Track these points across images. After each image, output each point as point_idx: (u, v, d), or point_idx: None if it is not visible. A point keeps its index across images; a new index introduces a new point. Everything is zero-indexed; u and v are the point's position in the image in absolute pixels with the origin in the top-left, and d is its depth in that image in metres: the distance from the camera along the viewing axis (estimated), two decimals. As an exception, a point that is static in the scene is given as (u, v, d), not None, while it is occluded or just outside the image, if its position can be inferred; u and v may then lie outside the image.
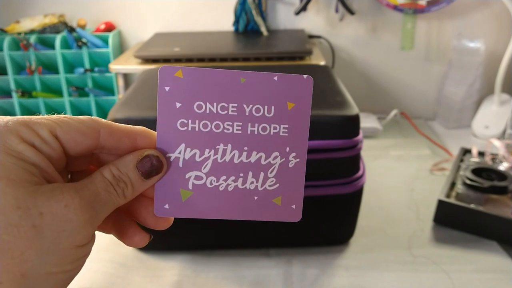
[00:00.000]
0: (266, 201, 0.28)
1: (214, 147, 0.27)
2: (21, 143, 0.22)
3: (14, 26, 0.96)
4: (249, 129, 0.27)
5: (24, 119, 0.22)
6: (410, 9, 0.97)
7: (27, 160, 0.21)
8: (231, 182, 0.27)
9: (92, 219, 0.23)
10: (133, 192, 0.25)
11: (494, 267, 0.54)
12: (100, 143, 0.25)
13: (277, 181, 0.27)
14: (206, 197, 0.27)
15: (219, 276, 0.53)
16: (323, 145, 0.50)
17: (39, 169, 0.22)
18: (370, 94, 1.08)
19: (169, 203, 0.27)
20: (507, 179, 0.63)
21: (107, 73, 0.94)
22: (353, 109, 0.52)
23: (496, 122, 0.92)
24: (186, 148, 0.26)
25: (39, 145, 0.22)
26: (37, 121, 0.23)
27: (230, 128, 0.26)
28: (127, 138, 0.25)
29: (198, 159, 0.27)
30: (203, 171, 0.27)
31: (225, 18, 1.03)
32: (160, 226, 0.28)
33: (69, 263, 0.22)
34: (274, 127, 0.27)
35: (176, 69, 0.26)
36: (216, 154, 0.27)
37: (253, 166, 0.27)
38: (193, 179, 0.27)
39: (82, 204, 0.22)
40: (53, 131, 0.23)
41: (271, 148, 0.27)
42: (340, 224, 0.56)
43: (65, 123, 0.23)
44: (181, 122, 0.26)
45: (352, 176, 0.53)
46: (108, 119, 0.50)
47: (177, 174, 0.27)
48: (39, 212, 0.21)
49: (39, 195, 0.21)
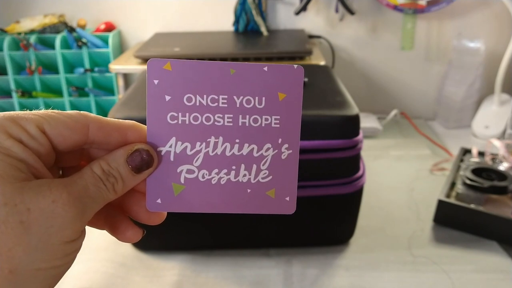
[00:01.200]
0: (260, 194, 0.27)
1: (205, 140, 0.26)
2: (8, 138, 0.21)
3: (14, 26, 0.96)
4: (240, 121, 0.26)
5: (11, 115, 0.22)
6: (410, 9, 0.97)
7: (14, 156, 0.21)
8: (223, 175, 0.27)
9: (81, 214, 0.22)
10: (124, 187, 0.25)
11: (494, 267, 0.54)
12: (90, 138, 0.24)
13: (270, 173, 0.27)
14: (198, 191, 0.27)
15: (219, 276, 0.53)
16: (323, 145, 0.50)
17: (26, 164, 0.22)
18: (370, 94, 1.08)
19: (161, 197, 0.27)
20: (507, 179, 0.63)
21: (107, 73, 0.94)
22: (353, 109, 0.52)
23: (496, 122, 0.92)
24: (177, 141, 0.26)
25: (26, 141, 0.22)
26: (24, 117, 0.22)
27: (221, 121, 0.26)
28: (117, 132, 0.25)
29: (190, 153, 0.26)
30: (195, 165, 0.26)
31: (225, 18, 1.03)
32: (153, 221, 0.28)
33: (58, 259, 0.22)
34: (265, 118, 0.26)
35: (165, 62, 0.25)
36: (207, 147, 0.26)
37: (245, 159, 0.27)
38: (185, 172, 0.26)
39: (71, 199, 0.22)
40: (40, 126, 0.23)
41: (263, 139, 0.27)
42: (340, 224, 0.56)
43: (53, 118, 0.23)
44: (171, 115, 0.26)
45: (352, 176, 0.53)
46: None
47: (168, 168, 0.26)
48: (27, 208, 0.20)
49: (26, 191, 0.21)
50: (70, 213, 0.22)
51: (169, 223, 0.52)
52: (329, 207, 0.54)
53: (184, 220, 0.53)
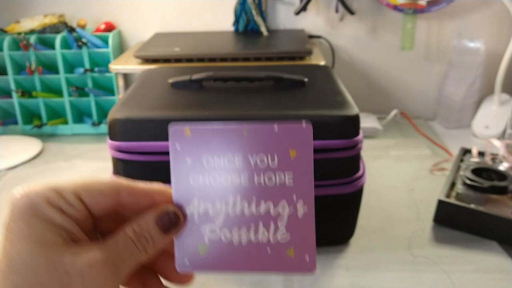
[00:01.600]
0: (280, 254, 0.28)
1: (225, 200, 0.28)
2: (49, 207, 0.24)
3: (14, 26, 0.96)
4: (256, 179, 0.27)
5: (52, 185, 0.25)
6: (410, 9, 0.98)
7: (55, 223, 0.24)
8: (243, 234, 0.28)
9: (115, 276, 0.25)
10: (154, 248, 0.27)
11: (494, 267, 0.54)
12: (121, 202, 0.27)
13: (288, 232, 0.28)
14: (221, 251, 0.28)
15: (219, 276, 0.53)
16: (323, 145, 0.50)
17: (66, 231, 0.24)
18: (370, 94, 1.08)
19: (188, 258, 0.28)
20: (507, 179, 0.63)
21: (107, 73, 0.94)
22: (353, 109, 0.52)
23: (496, 122, 0.92)
24: (199, 202, 0.28)
25: (66, 208, 0.25)
26: (63, 186, 0.25)
27: (238, 180, 0.27)
28: (145, 196, 0.27)
29: (211, 213, 0.28)
30: (217, 224, 0.28)
31: (225, 18, 1.03)
32: (183, 281, 0.30)
33: None
34: (279, 175, 0.27)
35: (185, 128, 0.27)
36: (227, 206, 0.28)
37: (263, 217, 0.28)
38: (208, 232, 0.28)
39: (104, 262, 0.24)
40: (77, 194, 0.25)
41: (279, 196, 0.27)
42: (340, 224, 0.56)
43: (89, 186, 0.26)
44: (193, 177, 0.28)
45: (352, 176, 0.53)
46: (108, 119, 0.50)
47: (193, 228, 0.28)
48: (66, 271, 0.23)
49: (66, 255, 0.23)
50: (105, 275, 0.24)
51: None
52: (329, 207, 0.54)
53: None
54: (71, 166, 0.83)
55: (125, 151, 0.51)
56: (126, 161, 0.51)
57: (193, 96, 0.57)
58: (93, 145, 0.92)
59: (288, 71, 0.63)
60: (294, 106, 0.53)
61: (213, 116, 0.50)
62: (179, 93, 0.57)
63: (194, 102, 0.55)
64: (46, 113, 0.97)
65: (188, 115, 0.51)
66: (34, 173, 0.81)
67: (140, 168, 0.51)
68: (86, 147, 0.91)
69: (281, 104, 0.53)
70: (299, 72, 0.62)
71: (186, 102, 0.55)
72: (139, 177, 0.49)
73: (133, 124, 0.50)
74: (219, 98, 0.56)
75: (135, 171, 0.51)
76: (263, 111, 0.51)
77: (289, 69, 0.68)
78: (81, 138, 0.97)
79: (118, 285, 0.25)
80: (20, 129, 0.98)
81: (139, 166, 0.51)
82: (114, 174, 0.53)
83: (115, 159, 0.52)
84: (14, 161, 0.84)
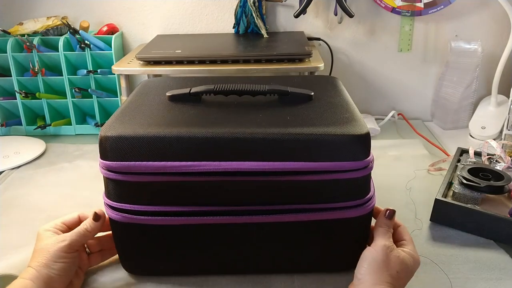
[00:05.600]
0: None
1: None
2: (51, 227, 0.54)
3: (17, 28, 0.97)
4: None
5: (54, 222, 0.55)
6: (408, 12, 0.99)
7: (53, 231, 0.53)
8: None
9: (70, 247, 0.51)
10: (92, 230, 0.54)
11: (492, 266, 0.55)
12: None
13: None
14: None
15: (219, 276, 0.54)
16: (330, 167, 0.47)
17: (56, 233, 0.53)
18: (368, 95, 1.10)
19: None
20: (503, 179, 0.64)
21: (110, 74, 0.95)
22: (362, 127, 0.48)
23: (493, 123, 0.94)
24: None
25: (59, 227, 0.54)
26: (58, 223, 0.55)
27: None
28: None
29: None
30: None
31: (225, 20, 1.04)
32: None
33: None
34: None
35: None
36: None
37: None
38: None
39: (63, 239, 0.51)
40: (64, 223, 0.55)
41: None
42: (348, 250, 0.53)
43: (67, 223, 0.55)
44: None
45: (363, 198, 0.50)
46: (100, 136, 0.48)
47: None
48: (47, 244, 0.51)
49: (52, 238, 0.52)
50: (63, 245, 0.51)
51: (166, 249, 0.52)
52: (334, 232, 0.51)
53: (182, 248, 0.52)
54: (74, 167, 0.84)
55: (117, 171, 0.47)
56: (118, 181, 0.48)
57: (191, 111, 0.53)
58: (96, 146, 0.91)
59: (293, 82, 0.60)
60: (299, 123, 0.49)
61: (210, 135, 0.46)
62: (177, 107, 0.54)
63: (192, 118, 0.51)
64: (50, 114, 0.98)
65: (184, 133, 0.46)
66: (37, 173, 0.82)
67: (133, 189, 0.48)
68: (89, 148, 0.92)
69: (286, 121, 0.49)
70: (305, 84, 0.60)
71: (183, 119, 0.50)
72: (132, 197, 0.48)
73: (126, 142, 0.46)
74: (219, 114, 0.52)
75: (127, 191, 0.49)
76: (266, 129, 0.47)
77: (295, 80, 0.65)
78: (84, 138, 0.98)
79: (70, 254, 0.50)
80: (24, 129, 0.99)
81: (132, 187, 0.48)
82: (105, 195, 0.51)
83: (106, 179, 0.49)
84: (18, 161, 0.85)
